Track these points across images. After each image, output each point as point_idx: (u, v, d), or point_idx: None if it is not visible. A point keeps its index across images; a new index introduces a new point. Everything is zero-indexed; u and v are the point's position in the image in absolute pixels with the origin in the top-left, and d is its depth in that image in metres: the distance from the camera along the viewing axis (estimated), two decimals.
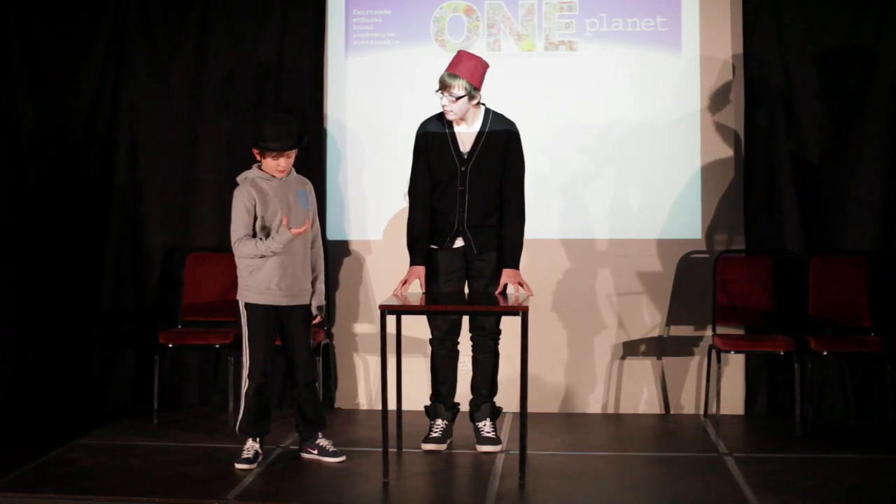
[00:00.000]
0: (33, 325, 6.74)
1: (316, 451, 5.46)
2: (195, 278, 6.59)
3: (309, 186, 5.47)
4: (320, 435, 5.48)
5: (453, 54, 6.32)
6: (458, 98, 5.42)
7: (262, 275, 5.28)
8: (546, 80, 6.63)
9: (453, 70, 5.44)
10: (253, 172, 5.33)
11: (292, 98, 6.69)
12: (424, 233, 5.57)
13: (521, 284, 5.48)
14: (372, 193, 6.72)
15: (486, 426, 5.66)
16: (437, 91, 5.47)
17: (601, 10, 6.60)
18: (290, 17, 6.68)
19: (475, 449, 5.62)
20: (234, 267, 6.44)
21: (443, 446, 5.65)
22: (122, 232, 6.79)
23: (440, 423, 5.70)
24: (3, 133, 6.72)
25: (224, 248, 6.62)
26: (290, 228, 5.19)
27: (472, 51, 6.50)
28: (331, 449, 5.46)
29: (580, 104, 6.63)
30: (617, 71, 6.60)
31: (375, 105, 6.72)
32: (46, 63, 6.75)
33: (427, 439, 5.67)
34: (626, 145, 6.60)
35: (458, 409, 5.79)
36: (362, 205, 6.73)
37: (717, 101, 6.54)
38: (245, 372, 5.34)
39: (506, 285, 5.50)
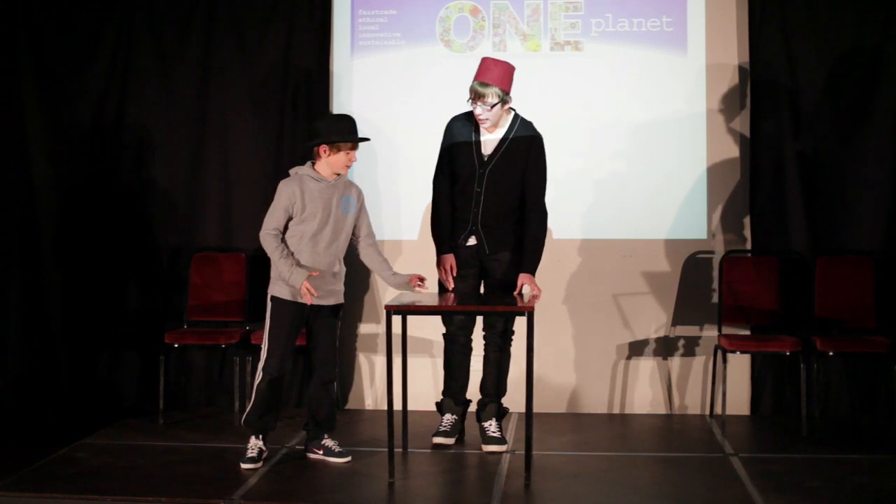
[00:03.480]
0: (40, 325, 6.75)
1: (321, 452, 5.46)
2: (201, 278, 6.59)
3: (356, 190, 5.45)
4: (326, 435, 5.50)
5: (458, 56, 6.36)
6: (493, 106, 5.47)
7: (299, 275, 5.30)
8: (552, 80, 6.62)
9: (483, 79, 5.46)
10: (305, 169, 5.32)
11: (298, 98, 6.69)
12: (448, 225, 5.65)
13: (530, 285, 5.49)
14: (377, 193, 6.71)
15: (491, 426, 5.69)
16: (469, 101, 5.50)
17: (607, 10, 6.60)
18: (296, 17, 6.69)
19: (481, 449, 5.63)
20: (239, 268, 6.51)
21: (451, 440, 5.72)
22: (129, 232, 6.79)
23: (449, 417, 5.77)
24: (10, 133, 6.73)
25: (230, 249, 6.66)
26: (307, 295, 5.22)
27: (477, 51, 6.55)
28: (336, 449, 5.46)
29: (585, 105, 6.62)
30: (622, 71, 6.59)
31: (381, 105, 6.72)
32: (53, 64, 6.75)
33: (437, 433, 5.73)
34: (631, 146, 6.60)
35: (469, 405, 5.84)
36: (368, 205, 6.70)
37: (724, 101, 6.54)
38: (260, 364, 5.35)
39: (523, 286, 5.48)
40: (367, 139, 5.39)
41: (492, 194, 5.55)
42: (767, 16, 6.44)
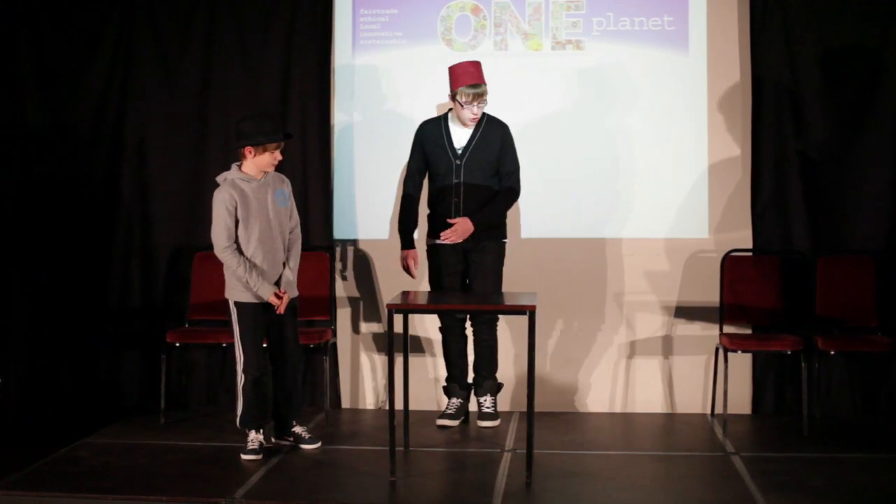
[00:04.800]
0: (41, 325, 6.75)
1: (292, 439, 5.59)
2: (202, 277, 6.58)
3: (287, 183, 5.59)
4: (295, 423, 5.61)
5: (460, 54, 6.39)
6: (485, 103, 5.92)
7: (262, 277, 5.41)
8: (553, 79, 6.62)
9: (474, 81, 5.84)
10: (233, 173, 5.43)
11: (299, 97, 6.68)
12: (414, 222, 6.11)
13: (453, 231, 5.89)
14: (379, 192, 6.72)
15: (486, 401, 6.11)
16: (467, 104, 5.83)
17: (608, 9, 6.59)
18: (297, 16, 6.68)
19: (478, 427, 5.98)
20: None
21: (456, 422, 6.09)
22: (130, 231, 6.79)
23: (455, 401, 6.14)
24: (11, 132, 6.72)
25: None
26: (277, 301, 5.41)
27: (478, 50, 6.57)
28: (307, 436, 5.59)
29: (587, 103, 6.63)
30: (624, 70, 6.59)
31: (382, 104, 6.72)
32: (54, 63, 6.75)
33: (442, 415, 6.12)
34: (633, 144, 6.60)
35: (472, 389, 6.21)
36: (369, 204, 6.73)
37: (725, 100, 6.54)
38: (240, 367, 5.46)
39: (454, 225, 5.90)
40: (290, 136, 5.58)
41: (470, 183, 5.92)
42: (769, 15, 6.44)
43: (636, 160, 6.60)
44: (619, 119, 6.60)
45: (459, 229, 5.85)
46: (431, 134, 5.99)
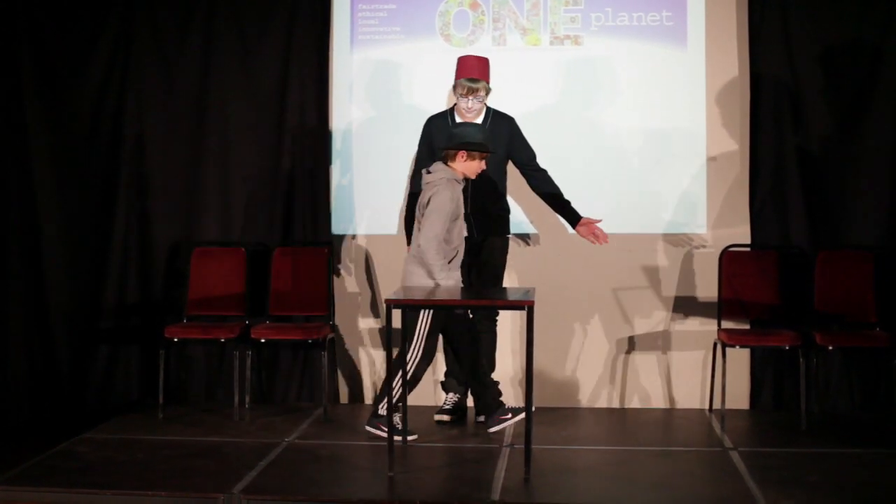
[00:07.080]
0: (39, 320, 6.75)
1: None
2: (201, 273, 6.58)
3: None
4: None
5: (458, 50, 6.38)
6: (482, 100, 5.94)
7: (452, 273, 5.58)
8: (551, 74, 6.62)
9: (472, 75, 5.88)
10: (452, 173, 5.58)
11: (298, 92, 6.68)
12: None
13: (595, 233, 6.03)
14: (376, 188, 6.71)
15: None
16: (462, 96, 5.87)
17: (607, 4, 6.59)
18: (295, 11, 6.67)
19: (476, 423, 6.00)
20: (239, 262, 6.52)
21: (453, 417, 6.12)
22: (128, 226, 6.79)
23: (452, 396, 6.18)
24: (10, 127, 6.71)
25: (229, 243, 6.65)
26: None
27: (477, 46, 6.56)
28: (401, 427, 5.59)
29: (585, 99, 6.62)
30: (622, 65, 6.59)
31: (380, 99, 6.72)
32: (53, 57, 6.74)
33: (439, 411, 6.14)
34: (631, 140, 6.60)
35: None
36: (367, 200, 6.73)
37: (723, 95, 6.53)
38: (416, 359, 5.59)
39: (593, 225, 6.01)
40: (495, 152, 5.77)
41: (479, 177, 5.83)
42: (767, 10, 6.43)
43: (634, 155, 6.59)
44: (618, 114, 6.60)
45: (597, 227, 6.02)
46: (439, 129, 5.97)
